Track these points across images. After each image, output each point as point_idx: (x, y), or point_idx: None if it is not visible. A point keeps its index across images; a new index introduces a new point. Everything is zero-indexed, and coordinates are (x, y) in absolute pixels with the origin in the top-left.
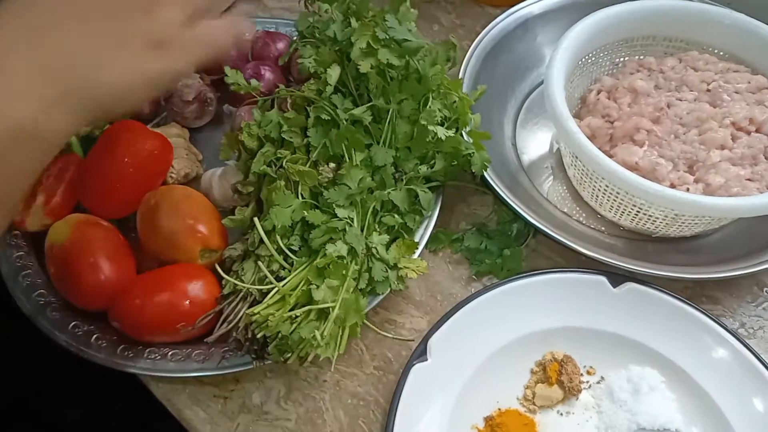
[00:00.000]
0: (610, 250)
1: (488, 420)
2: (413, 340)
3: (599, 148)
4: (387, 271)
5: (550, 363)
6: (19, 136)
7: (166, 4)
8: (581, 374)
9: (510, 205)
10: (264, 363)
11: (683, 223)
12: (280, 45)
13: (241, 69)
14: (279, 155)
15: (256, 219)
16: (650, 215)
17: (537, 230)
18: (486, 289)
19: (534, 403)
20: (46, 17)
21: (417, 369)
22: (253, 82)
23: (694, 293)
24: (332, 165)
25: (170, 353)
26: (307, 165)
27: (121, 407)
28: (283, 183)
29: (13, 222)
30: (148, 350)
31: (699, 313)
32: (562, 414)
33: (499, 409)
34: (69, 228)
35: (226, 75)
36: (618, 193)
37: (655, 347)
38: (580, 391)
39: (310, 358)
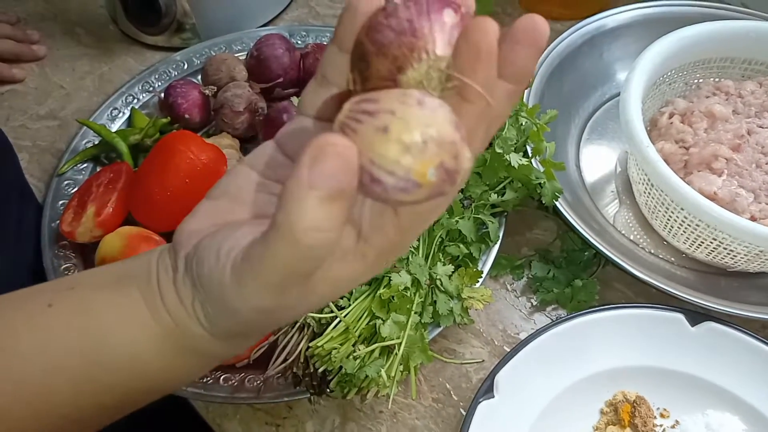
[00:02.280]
0: (683, 284)
1: None
2: (483, 360)
3: None
4: (451, 303)
5: (622, 404)
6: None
7: None
8: (655, 417)
9: (582, 234)
10: (320, 397)
11: (767, 259)
12: None
13: (292, 82)
14: None
15: None
16: (731, 250)
17: (608, 261)
18: (554, 324)
19: None
20: None
21: (484, 406)
22: None
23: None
24: None
25: (223, 377)
26: None
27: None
28: None
29: (62, 232)
30: None
31: None
32: None
33: None
34: (121, 241)
35: (292, 100)
36: (698, 225)
37: (736, 392)
38: None
39: (371, 396)
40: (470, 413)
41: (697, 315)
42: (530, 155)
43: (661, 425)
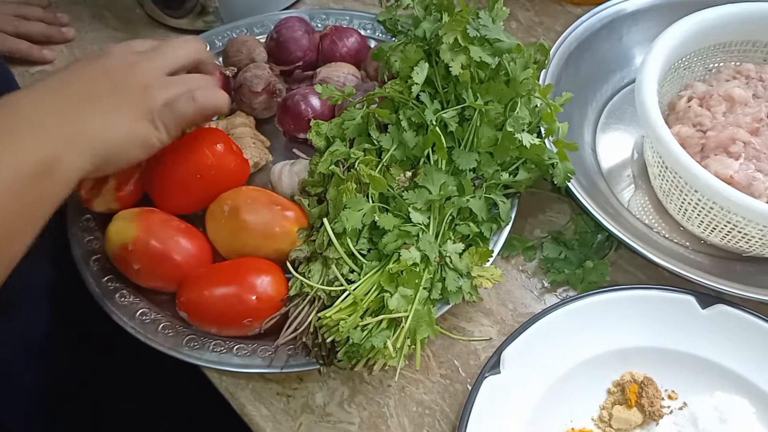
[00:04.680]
0: (697, 268)
1: None
2: (491, 339)
3: None
4: (460, 281)
5: (630, 384)
6: (41, 170)
7: (158, 88)
8: (662, 398)
9: (594, 216)
10: (330, 368)
11: None
12: (351, 40)
13: (311, 64)
14: (352, 155)
15: (326, 221)
16: (745, 233)
17: (621, 243)
18: (564, 303)
19: (611, 426)
20: (69, 92)
21: (489, 381)
22: (348, 88)
23: None
24: (408, 174)
25: (236, 347)
26: (378, 168)
27: (180, 399)
28: (354, 185)
29: (79, 196)
30: (213, 343)
31: None
32: None
33: (573, 429)
34: (136, 223)
35: (315, 87)
36: (712, 208)
37: (745, 375)
38: (661, 416)
39: (377, 367)
40: (476, 388)
41: (707, 297)
42: (543, 136)
43: (668, 406)
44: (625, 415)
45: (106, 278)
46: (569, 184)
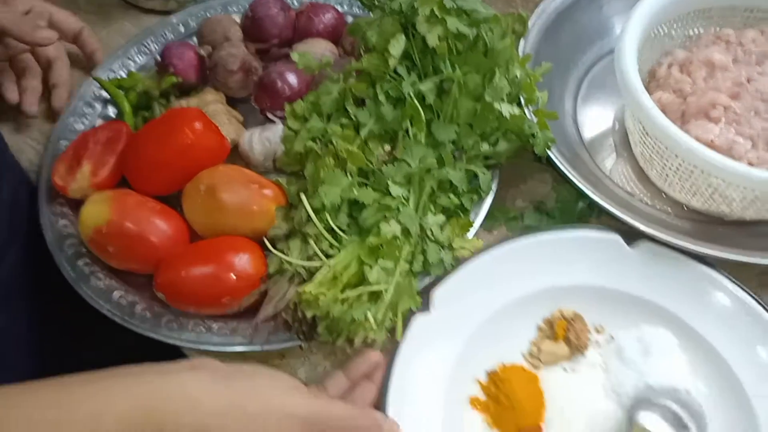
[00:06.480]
0: (678, 232)
1: (491, 375)
2: None
3: None
4: (442, 253)
5: (558, 320)
6: None
7: None
8: (590, 332)
9: (576, 184)
10: (311, 343)
11: (762, 205)
12: (327, 16)
13: (287, 42)
14: (329, 131)
15: (303, 196)
16: (726, 196)
17: (602, 210)
18: (496, 245)
19: (539, 359)
20: None
21: (418, 320)
22: (325, 58)
23: (765, 281)
24: (387, 148)
25: (216, 326)
26: (355, 143)
27: None
28: (331, 161)
29: (53, 183)
30: (192, 322)
31: (716, 273)
32: (567, 371)
33: (503, 364)
34: (109, 205)
35: (292, 55)
36: (692, 172)
37: (669, 308)
38: (587, 348)
39: (359, 341)
40: (405, 326)
41: (633, 235)
42: (523, 106)
43: (596, 340)
44: (552, 348)
45: (80, 261)
46: (550, 153)
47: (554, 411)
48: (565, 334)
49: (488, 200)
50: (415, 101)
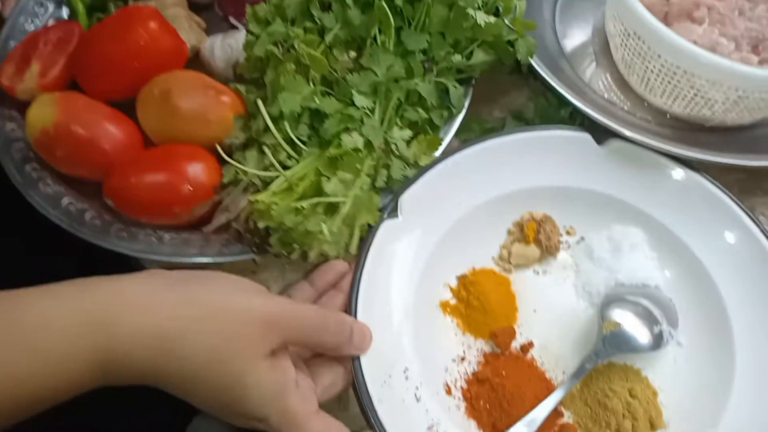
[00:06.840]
0: (660, 136)
1: (461, 279)
2: None
3: None
4: (407, 170)
5: (528, 222)
6: None
7: None
8: (560, 234)
9: (557, 91)
10: (263, 256)
11: (745, 107)
12: None
13: None
14: (291, 35)
15: (260, 102)
16: (708, 98)
17: (584, 119)
18: (463, 147)
19: (510, 262)
20: None
21: (387, 225)
22: None
23: (748, 186)
24: (353, 54)
25: (168, 237)
26: (319, 49)
27: None
28: (293, 67)
29: (3, 87)
30: (143, 232)
31: (683, 168)
32: (538, 273)
33: (473, 268)
34: (56, 106)
35: None
36: (675, 73)
37: (638, 205)
38: (558, 250)
39: (313, 255)
40: (373, 232)
41: (602, 134)
42: (500, 15)
43: (566, 242)
44: (523, 251)
45: (28, 167)
46: (533, 63)
47: (527, 313)
48: (536, 236)
49: (459, 118)
50: (385, 6)
